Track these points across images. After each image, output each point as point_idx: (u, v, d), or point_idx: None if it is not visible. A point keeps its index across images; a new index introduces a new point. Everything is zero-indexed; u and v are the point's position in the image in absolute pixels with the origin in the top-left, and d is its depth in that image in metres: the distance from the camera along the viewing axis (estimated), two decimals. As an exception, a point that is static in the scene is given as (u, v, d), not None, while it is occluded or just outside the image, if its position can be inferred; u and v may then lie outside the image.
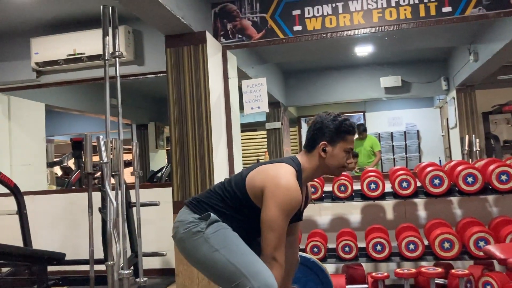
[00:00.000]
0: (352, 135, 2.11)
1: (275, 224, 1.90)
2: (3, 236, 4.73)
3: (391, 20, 3.90)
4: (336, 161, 2.07)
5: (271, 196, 1.92)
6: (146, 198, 4.18)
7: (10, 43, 4.98)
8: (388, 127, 8.66)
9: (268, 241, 1.91)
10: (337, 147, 2.06)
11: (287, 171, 1.99)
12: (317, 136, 2.07)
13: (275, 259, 1.92)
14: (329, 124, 2.06)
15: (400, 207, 3.92)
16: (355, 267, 3.69)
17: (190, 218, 2.02)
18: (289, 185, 1.93)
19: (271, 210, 1.90)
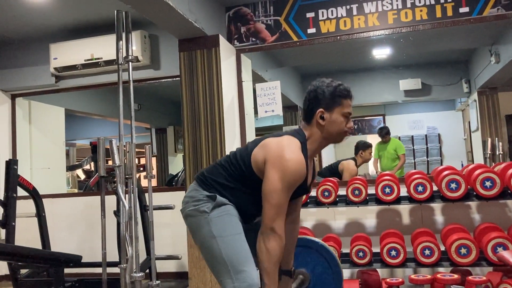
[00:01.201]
0: (348, 99, 2.05)
1: (275, 194, 1.88)
2: (22, 238, 4.82)
3: (407, 22, 3.85)
4: (336, 127, 2.02)
5: (273, 167, 1.90)
6: (163, 202, 4.20)
7: (30, 49, 5.09)
8: (408, 131, 8.53)
9: (268, 212, 1.90)
10: (334, 112, 2.01)
11: (291, 143, 1.96)
12: (313, 105, 2.03)
13: (274, 230, 1.89)
14: (323, 90, 2.02)
15: (417, 211, 3.84)
16: (370, 272, 3.62)
17: (199, 195, 2.02)
18: (293, 156, 1.91)
19: (273, 180, 1.89)
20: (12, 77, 5.11)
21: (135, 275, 3.11)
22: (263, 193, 1.91)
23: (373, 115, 8.73)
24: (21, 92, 5.23)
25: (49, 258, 3.99)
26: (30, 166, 5.43)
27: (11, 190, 4.09)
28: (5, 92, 5.19)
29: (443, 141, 8.43)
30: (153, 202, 4.17)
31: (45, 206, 4.44)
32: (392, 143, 6.73)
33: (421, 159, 8.43)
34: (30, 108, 5.51)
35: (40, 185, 5.05)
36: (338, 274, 2.53)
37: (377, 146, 6.83)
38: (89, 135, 9.58)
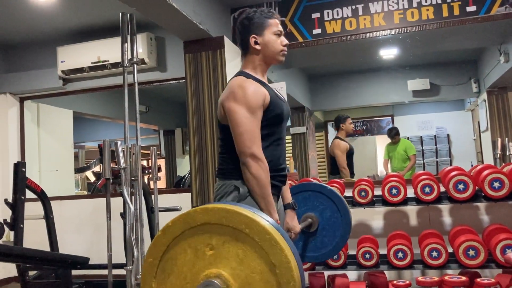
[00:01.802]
0: (272, 18, 2.10)
1: (240, 123, 1.89)
2: (31, 240, 4.86)
3: (413, 21, 3.82)
4: (272, 47, 2.08)
5: (226, 102, 1.94)
6: (170, 203, 4.20)
7: (38, 52, 5.13)
8: (417, 131, 8.46)
9: (240, 142, 1.89)
10: (266, 34, 2.07)
11: (233, 80, 2.01)
12: (245, 34, 2.09)
13: (253, 155, 1.88)
14: (248, 18, 2.10)
15: (424, 213, 3.80)
16: (377, 274, 3.59)
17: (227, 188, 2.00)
18: (238, 85, 1.94)
19: (232, 112, 1.91)
20: (21, 80, 5.15)
21: (140, 277, 3.12)
22: (230, 125, 1.93)
23: (382, 116, 8.67)
24: (30, 95, 5.28)
25: (56, 260, 4.01)
26: (39, 168, 5.47)
27: (19, 193, 4.12)
28: (13, 95, 5.24)
29: (452, 142, 8.35)
30: (161, 204, 4.19)
31: (53, 208, 4.46)
32: (402, 143, 6.68)
33: (430, 160, 8.36)
34: (39, 110, 5.56)
35: (49, 187, 5.09)
36: (347, 218, 2.57)
37: (387, 147, 6.78)
38: (98, 137, 9.64)
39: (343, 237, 2.58)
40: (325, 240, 2.61)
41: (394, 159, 6.62)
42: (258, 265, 1.30)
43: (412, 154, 6.60)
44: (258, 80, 2.02)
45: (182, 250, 1.38)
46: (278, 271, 1.28)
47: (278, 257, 1.28)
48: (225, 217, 1.34)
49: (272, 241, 1.29)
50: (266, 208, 1.90)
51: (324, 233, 2.59)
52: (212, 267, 1.34)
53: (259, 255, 1.30)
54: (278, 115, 2.02)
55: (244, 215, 1.32)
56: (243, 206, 1.41)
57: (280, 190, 2.13)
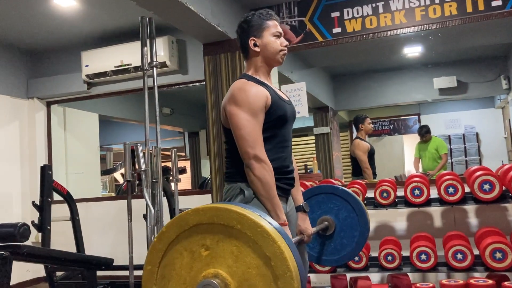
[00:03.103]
0: (272, 20, 2.09)
1: (241, 127, 1.88)
2: (58, 241, 4.98)
3: (435, 18, 3.73)
4: (271, 48, 2.06)
5: (228, 106, 1.94)
6: (192, 205, 4.22)
7: (63, 57, 5.25)
8: (445, 130, 8.26)
9: (242, 145, 1.88)
10: (264, 36, 2.05)
11: (235, 84, 2.00)
12: (244, 38, 2.08)
13: (256, 157, 1.87)
14: (246, 22, 2.08)
15: (449, 214, 3.71)
16: (400, 276, 3.52)
17: (234, 191, 1.99)
18: (241, 86, 1.94)
19: (233, 115, 1.90)
20: (47, 85, 5.28)
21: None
22: (232, 128, 1.93)
23: (408, 115, 8.51)
24: (56, 99, 5.40)
25: (81, 261, 4.08)
26: (65, 171, 5.59)
27: (46, 195, 4.22)
28: (40, 100, 5.37)
29: (481, 140, 8.12)
30: (183, 205, 4.22)
31: (79, 210, 4.55)
32: (433, 142, 6.50)
33: (459, 159, 8.15)
34: (65, 114, 5.68)
35: (75, 189, 5.20)
36: (363, 216, 2.52)
37: (418, 146, 6.64)
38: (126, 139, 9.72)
39: (361, 236, 2.52)
40: (344, 241, 2.56)
41: (425, 158, 6.46)
42: (254, 260, 1.30)
43: (443, 153, 6.42)
44: (259, 81, 2.01)
45: (178, 254, 1.38)
46: (273, 263, 1.27)
47: (271, 248, 1.27)
48: (216, 216, 1.34)
49: (264, 234, 1.28)
50: (272, 210, 1.88)
51: (342, 234, 2.54)
52: (209, 267, 1.33)
53: (253, 250, 1.30)
54: (281, 117, 2.00)
55: (234, 211, 1.32)
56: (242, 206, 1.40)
57: (288, 192, 2.10)
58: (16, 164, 5.17)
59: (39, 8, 4.17)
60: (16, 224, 3.13)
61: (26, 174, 5.25)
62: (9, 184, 5.07)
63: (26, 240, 3.18)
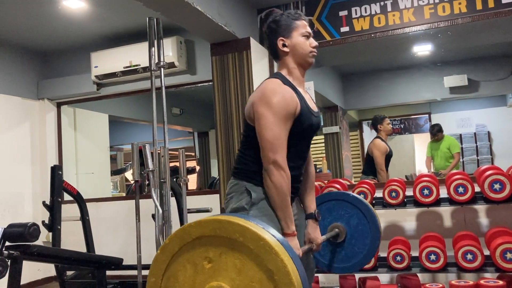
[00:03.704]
0: (300, 20, 2.06)
1: (267, 129, 1.85)
2: (69, 241, 5.02)
3: (444, 16, 3.69)
4: (300, 49, 2.03)
5: (258, 106, 1.90)
6: (201, 205, 4.23)
7: (72, 58, 5.29)
8: (456, 129, 8.17)
9: (265, 148, 1.86)
10: (293, 37, 2.02)
11: (268, 82, 1.98)
12: (273, 38, 2.05)
13: (276, 162, 1.85)
14: (275, 21, 2.06)
15: (459, 214, 3.67)
16: (409, 277, 3.49)
17: (239, 189, 1.98)
18: (272, 89, 1.91)
19: (261, 116, 1.87)
20: (57, 86, 5.33)
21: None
22: (257, 133, 1.90)
23: (418, 114, 8.44)
24: (66, 100, 5.45)
25: (91, 261, 4.11)
26: (76, 171, 5.63)
27: (56, 195, 4.25)
28: (51, 101, 5.42)
29: (493, 139, 8.03)
30: (192, 205, 4.23)
31: (89, 210, 4.57)
32: (445, 141, 6.43)
33: (471, 158, 8.07)
34: (75, 115, 5.73)
35: (86, 189, 5.23)
36: (375, 224, 2.48)
37: (430, 145, 6.57)
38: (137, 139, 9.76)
39: (373, 244, 2.48)
40: (355, 249, 2.51)
41: (437, 157, 6.39)
42: (256, 274, 1.28)
43: (456, 152, 6.34)
44: (292, 86, 1.97)
45: (181, 266, 1.38)
46: (276, 277, 1.25)
47: (274, 262, 1.25)
48: (219, 228, 1.32)
49: (266, 247, 1.27)
50: (283, 219, 1.87)
51: (353, 241, 2.50)
52: (212, 280, 1.32)
53: (256, 263, 1.28)
54: (305, 129, 1.97)
55: (237, 224, 1.30)
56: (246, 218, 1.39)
57: (292, 199, 2.06)
58: (27, 165, 5.22)
59: (49, 10, 4.21)
60: (26, 224, 3.16)
61: (37, 174, 5.29)
62: (21, 184, 5.12)
63: (36, 240, 3.21)
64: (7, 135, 5.02)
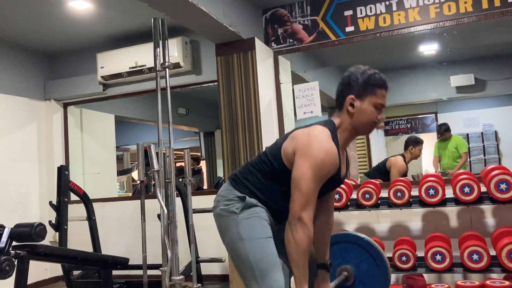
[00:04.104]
0: (383, 89, 1.94)
1: (305, 183, 1.82)
2: (76, 240, 5.04)
3: (450, 15, 3.67)
4: (365, 117, 1.92)
5: (302, 155, 1.84)
6: (206, 205, 4.24)
7: (79, 59, 5.32)
8: (463, 129, 8.12)
9: (295, 200, 1.84)
10: (366, 101, 1.91)
11: (320, 132, 1.88)
12: (345, 91, 1.94)
13: (301, 219, 1.82)
14: (357, 77, 1.93)
15: (465, 214, 3.65)
16: (415, 277, 3.48)
17: (230, 195, 1.99)
18: (322, 144, 1.84)
19: (301, 169, 1.83)
20: (64, 87, 5.36)
21: (175, 278, 3.16)
22: (293, 180, 1.85)
23: (424, 113, 8.40)
24: (72, 101, 5.48)
25: (97, 260, 4.13)
26: (82, 171, 5.66)
27: (63, 195, 4.29)
28: (57, 101, 5.45)
29: (500, 139, 7.97)
30: (198, 205, 4.24)
31: (96, 210, 4.61)
32: (453, 140, 6.39)
33: (477, 158, 8.02)
34: (82, 115, 5.75)
35: (92, 189, 5.26)
36: (385, 272, 2.43)
37: (437, 144, 6.54)
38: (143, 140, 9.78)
39: None
40: None
41: (444, 157, 6.35)
42: None
43: (463, 152, 6.29)
44: (337, 145, 1.90)
45: None
46: None
47: None
48: None
49: None
50: (298, 277, 1.85)
51: (361, 287, 2.44)
52: None
53: None
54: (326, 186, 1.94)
55: None
56: None
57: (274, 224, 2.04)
58: (34, 165, 5.26)
59: (55, 12, 4.23)
60: (33, 224, 3.19)
61: (44, 174, 5.33)
62: (28, 184, 5.16)
63: (42, 239, 3.23)
64: (15, 136, 5.05)
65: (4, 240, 3.15)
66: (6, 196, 4.86)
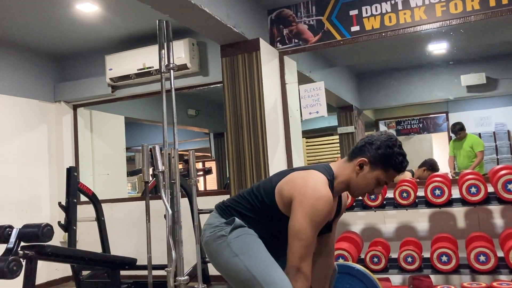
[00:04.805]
0: (397, 173, 1.94)
1: (302, 234, 1.82)
2: (85, 241, 5.10)
3: (457, 13, 3.63)
4: (364, 183, 1.93)
5: (299, 205, 1.84)
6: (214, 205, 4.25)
7: (88, 61, 5.38)
8: (475, 128, 8.01)
9: (294, 251, 1.84)
10: (374, 172, 1.91)
11: (317, 180, 1.89)
12: (363, 151, 1.93)
13: (300, 270, 1.84)
14: (380, 147, 1.91)
15: (473, 214, 3.60)
16: (422, 278, 3.44)
17: (217, 222, 2.01)
18: (319, 194, 1.84)
19: (299, 219, 1.83)
20: (73, 89, 5.42)
21: (179, 278, 3.18)
22: (289, 231, 1.86)
23: (435, 113, 8.31)
24: (82, 103, 5.53)
25: (104, 261, 4.16)
26: (92, 172, 5.71)
27: (72, 196, 4.33)
28: (67, 103, 5.52)
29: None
30: (205, 206, 4.26)
31: (105, 211, 4.64)
32: (468, 139, 6.29)
33: (490, 157, 7.91)
34: (91, 117, 5.81)
35: (102, 190, 5.31)
36: None
37: (452, 143, 6.46)
38: (155, 141, 9.89)
39: None
40: None
41: (460, 156, 6.27)
42: None
43: (479, 151, 6.20)
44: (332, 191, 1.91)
45: None
46: None
47: None
48: None
49: None
50: None
51: None
52: None
53: None
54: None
55: None
56: None
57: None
58: (44, 166, 5.32)
59: (63, 14, 4.28)
60: (40, 225, 3.23)
61: (54, 176, 5.39)
62: (38, 185, 5.22)
63: (49, 240, 3.27)
64: (25, 137, 5.12)
65: (13, 241, 3.20)
66: (17, 197, 4.93)
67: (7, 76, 4.98)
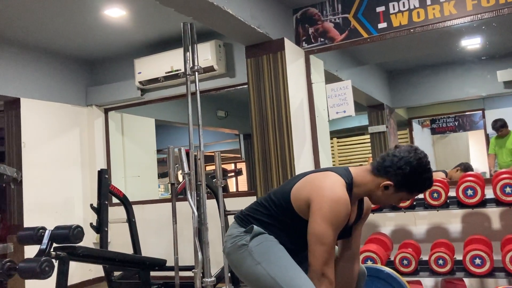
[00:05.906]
0: (420, 192, 1.95)
1: (325, 238, 1.80)
2: (118, 242, 5.19)
3: (489, 7, 3.50)
4: (385, 201, 1.97)
5: (318, 209, 1.82)
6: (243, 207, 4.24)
7: (117, 65, 5.48)
8: (513, 126, 7.74)
9: (317, 256, 1.81)
10: (399, 194, 1.92)
11: (334, 182, 1.86)
12: (390, 172, 1.88)
13: (325, 275, 1.81)
14: (411, 174, 1.87)
15: (508, 215, 3.46)
16: (455, 282, 3.34)
17: (236, 232, 2.00)
18: (336, 196, 1.81)
19: (319, 223, 1.81)
20: (104, 93, 5.52)
21: (206, 279, 3.19)
22: (309, 236, 1.84)
23: (471, 110, 8.05)
24: (113, 106, 5.64)
25: (134, 262, 4.23)
26: (124, 174, 5.81)
27: (103, 198, 4.42)
28: (98, 107, 5.63)
29: (553, 136, 7.52)
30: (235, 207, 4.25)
31: (135, 212, 4.71)
32: (511, 137, 6.07)
33: (530, 156, 7.60)
34: (122, 120, 5.92)
35: (134, 192, 5.39)
36: None
37: (493, 141, 6.23)
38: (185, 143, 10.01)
39: None
40: None
41: (501, 154, 6.03)
42: None
43: None
44: (350, 194, 1.89)
45: None
46: None
47: None
48: None
49: None
50: None
51: None
52: None
53: None
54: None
55: None
56: None
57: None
58: (77, 169, 5.45)
59: (92, 20, 4.37)
60: (71, 226, 3.30)
61: (86, 178, 5.52)
62: (71, 188, 5.35)
63: (80, 241, 3.35)
64: (59, 141, 5.26)
65: (45, 242, 3.29)
66: (51, 199, 5.06)
67: (42, 82, 5.13)
